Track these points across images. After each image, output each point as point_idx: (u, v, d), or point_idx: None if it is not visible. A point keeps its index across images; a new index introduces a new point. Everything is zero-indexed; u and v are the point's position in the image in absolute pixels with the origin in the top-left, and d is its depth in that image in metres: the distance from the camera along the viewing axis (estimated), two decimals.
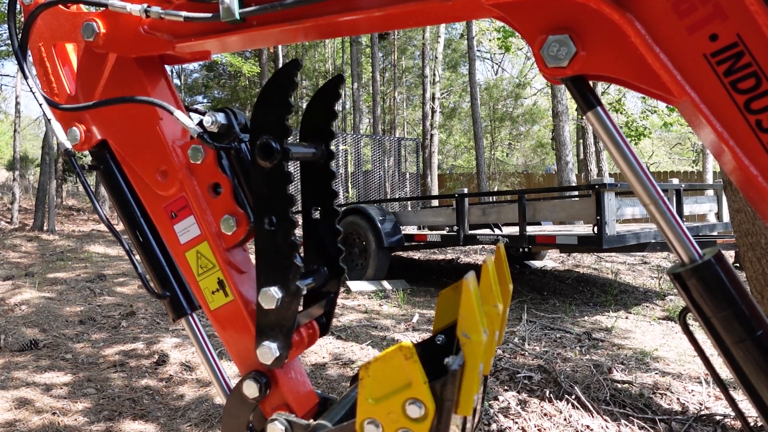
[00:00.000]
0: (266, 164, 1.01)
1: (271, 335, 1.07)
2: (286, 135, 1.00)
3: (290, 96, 1.01)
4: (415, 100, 28.14)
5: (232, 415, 1.20)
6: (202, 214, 1.14)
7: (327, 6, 0.93)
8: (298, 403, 1.16)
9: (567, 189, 7.11)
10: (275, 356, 1.07)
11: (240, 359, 1.19)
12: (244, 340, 1.16)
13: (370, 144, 12.96)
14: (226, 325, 1.18)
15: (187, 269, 1.19)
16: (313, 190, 1.20)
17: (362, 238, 7.19)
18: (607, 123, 0.77)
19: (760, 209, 0.73)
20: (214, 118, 1.07)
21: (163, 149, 1.16)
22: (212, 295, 1.17)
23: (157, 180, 1.17)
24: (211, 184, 1.13)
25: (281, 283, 1.04)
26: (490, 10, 0.82)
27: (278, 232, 1.04)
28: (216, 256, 1.15)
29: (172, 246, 1.19)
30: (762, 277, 2.40)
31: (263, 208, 1.05)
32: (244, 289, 1.16)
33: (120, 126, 1.20)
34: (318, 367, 3.73)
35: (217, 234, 1.14)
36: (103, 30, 1.14)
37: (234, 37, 1.05)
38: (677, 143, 28.90)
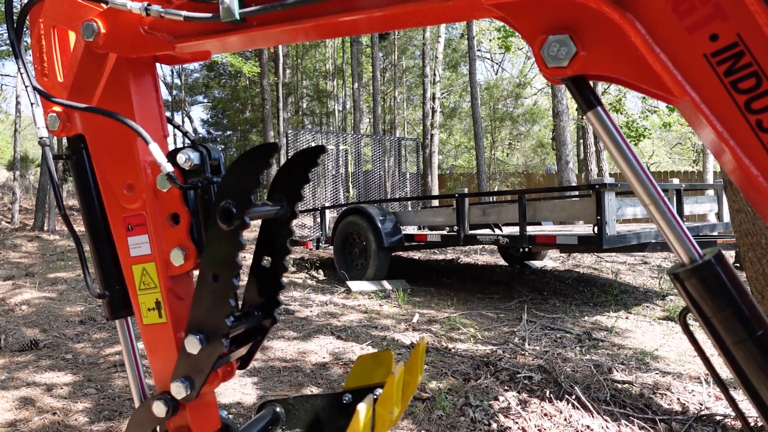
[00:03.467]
0: (224, 227, 1.06)
1: (188, 375, 1.14)
2: (248, 207, 1.05)
3: (262, 174, 1.05)
4: (416, 100, 28.14)
5: (138, 423, 1.24)
6: (156, 237, 1.18)
7: (327, 6, 0.93)
8: (199, 429, 1.23)
9: (567, 189, 7.11)
10: (185, 395, 1.14)
11: (158, 376, 1.24)
12: (167, 361, 1.21)
13: (370, 144, 12.96)
14: (153, 342, 1.23)
15: (131, 280, 1.22)
16: (270, 241, 1.26)
17: (362, 238, 7.19)
18: (607, 123, 0.77)
19: (761, 209, 0.73)
20: (187, 157, 1.10)
21: (135, 165, 1.18)
22: (148, 312, 1.21)
23: (123, 191, 1.20)
24: (171, 214, 1.16)
25: (208, 335, 1.10)
26: (490, 10, 0.82)
27: (218, 290, 1.09)
28: (160, 279, 1.19)
29: (122, 255, 1.23)
30: (762, 277, 2.40)
31: (211, 262, 1.10)
32: (178, 317, 1.21)
33: (99, 129, 1.21)
34: (318, 367, 3.73)
35: (166, 260, 1.17)
36: (103, 30, 1.14)
37: (234, 37, 1.05)
38: (677, 143, 28.88)
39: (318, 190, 11.24)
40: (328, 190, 11.39)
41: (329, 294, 6.40)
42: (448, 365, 3.70)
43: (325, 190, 11.36)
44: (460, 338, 4.45)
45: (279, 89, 18.06)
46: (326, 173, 11.38)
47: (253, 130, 28.03)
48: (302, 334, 4.53)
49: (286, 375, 3.58)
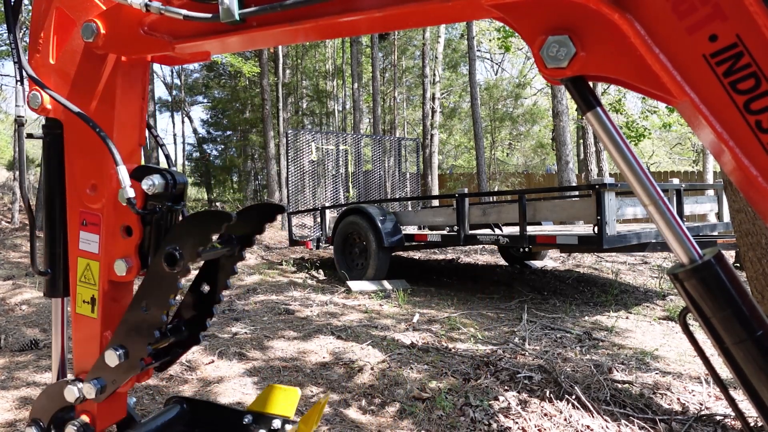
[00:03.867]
0: (166, 269, 1.11)
1: (102, 382, 1.20)
2: (192, 261, 1.10)
3: (212, 236, 1.10)
4: (416, 100, 28.13)
5: (48, 398, 1.31)
6: (105, 242, 1.22)
7: (327, 7, 0.93)
8: (102, 416, 1.31)
9: (567, 189, 7.10)
10: (95, 397, 1.21)
11: (77, 361, 1.30)
12: (88, 352, 1.27)
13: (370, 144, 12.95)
14: (80, 331, 1.29)
15: (74, 269, 1.27)
16: (213, 272, 1.31)
17: (362, 238, 7.19)
18: (606, 123, 0.77)
19: (760, 209, 0.73)
20: (152, 183, 1.14)
21: (102, 170, 1.21)
22: (82, 303, 1.26)
23: (86, 189, 1.24)
24: (126, 226, 1.21)
25: (128, 353, 1.17)
26: (490, 10, 0.82)
27: (147, 320, 1.15)
28: (99, 280, 1.24)
29: (71, 244, 1.27)
30: (762, 277, 2.40)
31: (146, 293, 1.16)
32: (109, 318, 1.26)
33: (77, 124, 1.22)
34: (318, 366, 3.73)
35: (110, 265, 1.22)
36: (103, 31, 1.14)
37: (234, 37, 1.05)
38: (677, 143, 28.87)
39: (318, 190, 11.24)
40: (328, 190, 11.40)
41: (329, 294, 6.40)
42: (448, 365, 3.71)
43: (325, 190, 11.36)
44: (460, 338, 4.45)
45: (279, 89, 18.05)
46: (326, 173, 11.38)
47: (253, 130, 28.01)
48: (302, 334, 4.53)
49: (286, 375, 3.58)
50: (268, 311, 5.45)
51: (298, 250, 10.39)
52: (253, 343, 4.26)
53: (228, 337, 4.43)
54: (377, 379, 3.48)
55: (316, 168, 11.23)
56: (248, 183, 30.90)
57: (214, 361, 3.81)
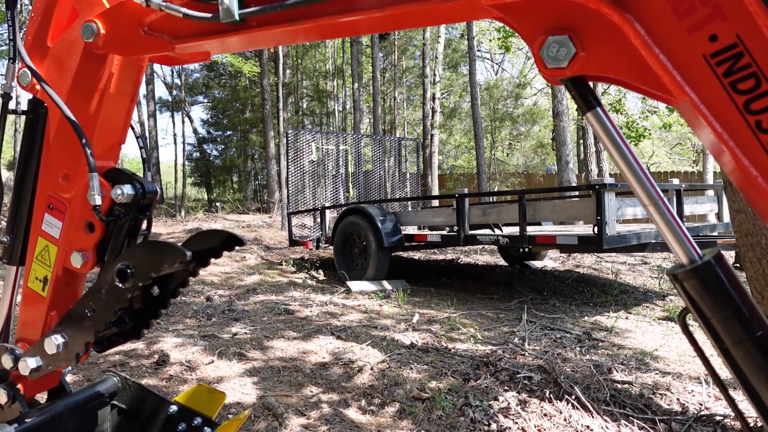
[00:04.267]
0: (116, 283, 1.15)
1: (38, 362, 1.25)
2: (143, 282, 1.14)
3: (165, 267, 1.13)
4: (416, 100, 28.13)
5: None
6: (67, 232, 1.25)
7: (327, 7, 0.93)
8: (34, 384, 1.37)
9: (567, 189, 7.11)
10: (28, 374, 1.25)
11: (20, 328, 1.37)
12: (31, 325, 1.34)
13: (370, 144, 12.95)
14: (28, 304, 1.35)
15: (32, 246, 1.32)
16: (166, 279, 1.33)
17: (362, 238, 7.19)
18: (606, 124, 0.77)
19: (760, 210, 0.73)
20: (121, 192, 1.17)
21: (77, 164, 1.23)
22: (35, 279, 1.32)
23: (58, 178, 1.26)
24: (89, 222, 1.23)
25: (68, 344, 1.21)
26: (490, 10, 0.82)
27: (90, 320, 1.19)
28: (55, 264, 1.28)
29: (35, 223, 1.31)
30: (762, 277, 2.40)
31: (95, 298, 1.19)
32: (57, 301, 1.31)
33: (61, 115, 1.23)
34: (318, 366, 3.73)
35: (67, 254, 1.25)
36: (103, 31, 1.14)
37: (234, 38, 1.05)
38: (677, 143, 28.88)
39: (318, 190, 11.24)
40: (328, 190, 11.40)
41: (329, 294, 6.40)
42: (448, 365, 3.71)
43: (325, 190, 11.36)
44: (460, 338, 4.45)
45: (279, 89, 18.07)
46: (326, 173, 11.38)
47: (253, 130, 28.02)
48: (302, 334, 4.53)
49: (286, 375, 3.58)
50: (268, 311, 5.45)
51: (298, 250, 10.39)
52: (253, 343, 4.26)
53: (228, 337, 4.43)
54: (377, 379, 3.48)
55: (316, 168, 11.23)
56: (248, 183, 30.92)
57: (214, 361, 3.81)
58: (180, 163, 26.00)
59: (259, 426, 2.82)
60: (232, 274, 7.69)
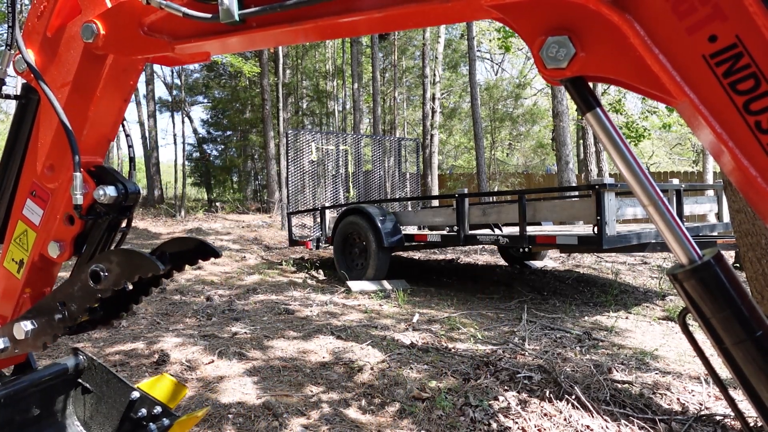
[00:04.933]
0: (90, 284, 1.16)
1: (5, 343, 1.27)
2: (115, 287, 1.15)
3: (138, 276, 1.14)
4: (416, 100, 28.13)
5: None
6: (47, 221, 1.27)
7: (327, 7, 0.93)
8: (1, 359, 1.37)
9: (567, 189, 7.11)
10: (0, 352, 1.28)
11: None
12: (3, 302, 1.35)
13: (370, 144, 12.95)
14: (1, 282, 1.36)
15: (12, 228, 1.33)
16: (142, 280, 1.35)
17: (362, 238, 7.19)
18: (606, 124, 0.77)
19: (760, 210, 0.73)
20: (104, 192, 1.18)
21: (65, 158, 1.24)
22: (11, 260, 1.33)
23: (44, 168, 1.27)
24: (69, 215, 1.25)
25: (36, 331, 1.23)
26: (490, 11, 0.83)
27: (62, 313, 1.21)
28: (32, 249, 1.30)
29: (16, 206, 1.32)
30: (762, 277, 2.40)
31: (68, 293, 1.21)
32: (30, 284, 1.33)
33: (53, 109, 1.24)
34: (318, 366, 3.74)
35: (45, 242, 1.27)
36: (103, 32, 1.14)
37: (233, 38, 1.05)
38: (677, 143, 28.88)
39: (318, 190, 11.24)
40: (328, 190, 11.39)
41: (329, 294, 6.40)
42: (448, 365, 3.71)
43: (325, 190, 11.36)
44: (460, 338, 4.46)
45: (279, 89, 18.06)
46: (326, 173, 11.38)
47: (253, 130, 28.01)
48: (302, 334, 4.53)
49: (286, 375, 3.58)
50: (268, 311, 5.45)
51: (298, 250, 10.39)
52: (253, 342, 4.26)
53: (228, 336, 4.43)
54: (377, 378, 3.48)
55: (316, 168, 11.23)
56: (248, 183, 30.90)
57: (214, 361, 3.81)
58: (180, 163, 25.98)
59: (259, 426, 2.82)
60: (232, 274, 7.69)
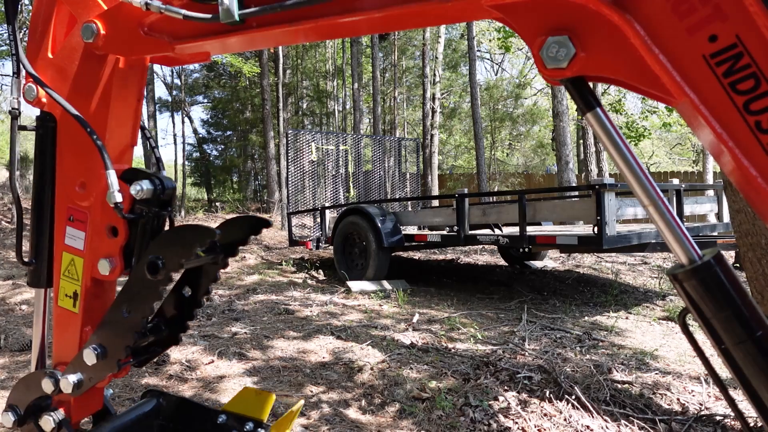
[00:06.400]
0: (148, 276, 1.12)
1: (79, 377, 1.21)
2: (175, 270, 1.12)
3: (195, 250, 1.11)
4: (416, 100, 28.12)
5: (26, 387, 1.32)
6: (91, 240, 1.22)
7: (327, 7, 0.93)
8: (78, 408, 1.32)
9: (567, 189, 7.10)
10: (71, 392, 1.21)
11: (56, 352, 1.32)
12: (67, 345, 1.29)
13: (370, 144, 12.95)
14: (60, 324, 1.30)
15: (58, 263, 1.28)
16: (196, 277, 1.31)
17: (362, 238, 7.19)
18: (606, 124, 0.77)
19: (760, 210, 0.73)
20: (140, 188, 1.15)
21: (92, 170, 1.21)
22: (64, 297, 1.28)
23: (75, 187, 1.24)
24: (112, 227, 1.21)
25: (106, 353, 1.18)
26: (490, 11, 0.82)
27: (127, 322, 1.16)
28: (83, 276, 1.24)
29: (57, 238, 1.28)
30: (762, 277, 2.40)
31: (128, 297, 1.16)
32: (90, 315, 1.27)
33: (72, 122, 1.22)
34: (318, 366, 3.73)
35: (93, 263, 1.23)
36: (103, 31, 1.14)
37: (233, 38, 1.05)
38: (677, 143, 28.88)
39: (318, 191, 11.23)
40: (328, 190, 11.39)
41: (329, 294, 6.40)
42: (448, 365, 3.70)
43: (325, 190, 11.36)
44: (460, 338, 4.45)
45: (279, 89, 18.06)
46: (326, 173, 11.37)
47: (253, 130, 28.01)
48: (302, 334, 4.53)
49: (286, 375, 3.58)
50: (268, 311, 5.44)
51: (298, 250, 10.39)
52: (253, 342, 4.26)
53: (228, 336, 4.43)
54: (377, 379, 3.48)
55: (316, 168, 11.22)
56: (248, 183, 30.90)
57: (214, 361, 3.81)
58: (180, 163, 25.98)
59: None
60: (232, 274, 7.69)
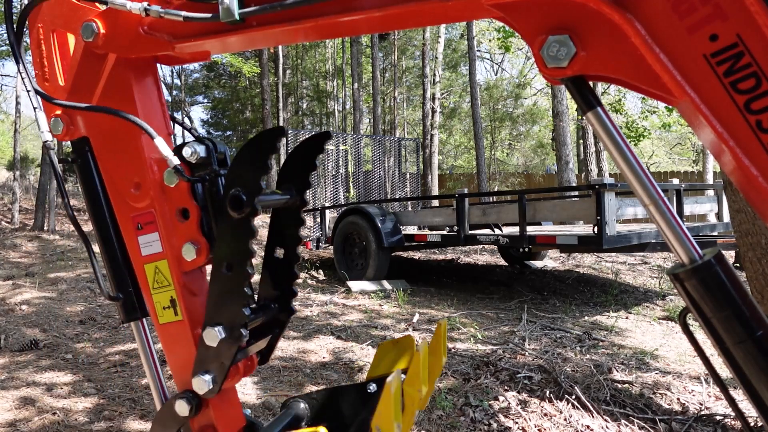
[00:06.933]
0: (234, 215, 1.05)
1: (208, 369, 1.12)
2: (258, 193, 1.04)
3: (269, 159, 1.05)
4: (415, 100, 28.13)
5: (162, 424, 1.23)
6: (166, 234, 1.17)
7: (327, 6, 0.93)
8: (224, 426, 1.21)
9: (567, 189, 7.10)
10: (209, 389, 1.12)
11: (178, 375, 1.22)
12: (185, 359, 1.20)
13: (370, 144, 12.95)
14: (170, 341, 1.22)
15: (144, 280, 1.21)
16: (281, 231, 1.24)
17: (362, 238, 7.18)
18: (606, 123, 0.77)
19: (760, 209, 0.73)
20: (193, 149, 1.10)
21: (140, 163, 1.17)
22: (163, 310, 1.20)
23: (130, 190, 1.19)
24: (181, 209, 1.15)
25: (226, 326, 1.09)
26: (490, 10, 0.82)
27: (232, 280, 1.08)
28: (173, 276, 1.18)
29: (133, 255, 1.22)
30: (762, 277, 2.40)
31: (224, 253, 1.09)
32: (194, 313, 1.19)
33: (102, 129, 1.20)
34: (318, 366, 3.73)
35: (178, 257, 1.16)
36: (103, 30, 1.14)
37: (234, 37, 1.05)
38: (677, 143, 28.89)
39: (318, 191, 11.23)
40: (328, 190, 11.39)
41: (329, 294, 6.40)
42: (448, 365, 3.70)
43: (325, 190, 11.36)
44: (460, 338, 4.45)
45: (279, 89, 18.08)
46: (326, 173, 11.37)
47: (253, 130, 28.04)
48: (302, 334, 4.53)
49: (286, 375, 3.58)
50: None
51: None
52: None
53: None
54: None
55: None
56: None
57: None
58: None
59: None
60: None
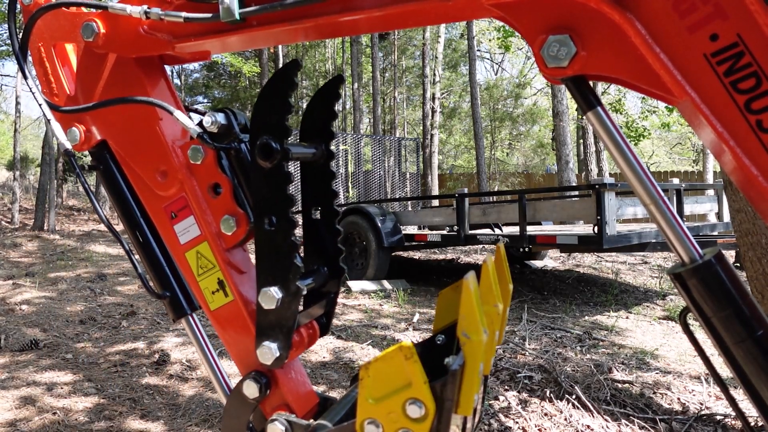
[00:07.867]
0: (266, 164, 1.01)
1: (271, 335, 1.07)
2: (286, 135, 1.00)
3: (290, 96, 1.01)
4: (415, 100, 28.12)
5: (232, 415, 1.19)
6: (202, 214, 1.14)
7: (327, 6, 0.93)
8: (298, 404, 1.15)
9: (567, 189, 7.10)
10: (275, 356, 1.06)
11: (240, 359, 1.19)
12: (244, 340, 1.16)
13: (370, 144, 12.96)
14: (225, 325, 1.18)
15: (187, 269, 1.19)
16: (313, 190, 1.19)
17: (362, 238, 7.18)
18: (607, 123, 0.77)
19: (761, 209, 0.73)
20: (213, 119, 1.07)
21: (162, 149, 1.16)
22: (212, 296, 1.17)
23: (157, 180, 1.17)
24: (211, 185, 1.13)
25: (281, 284, 1.04)
26: (490, 10, 0.82)
27: (278, 233, 1.04)
28: (216, 257, 1.14)
29: (172, 246, 1.19)
30: (762, 276, 2.40)
31: (263, 208, 1.05)
32: (244, 290, 1.15)
33: (119, 126, 1.20)
34: (318, 366, 3.73)
35: (217, 234, 1.14)
36: (103, 30, 1.14)
37: (234, 37, 1.05)
38: (677, 143, 28.89)
39: None
40: None
41: None
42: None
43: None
44: None
45: None
46: None
47: None
48: None
49: None
50: None
51: None
52: None
53: None
54: None
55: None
56: None
57: None
58: None
59: None
60: None
